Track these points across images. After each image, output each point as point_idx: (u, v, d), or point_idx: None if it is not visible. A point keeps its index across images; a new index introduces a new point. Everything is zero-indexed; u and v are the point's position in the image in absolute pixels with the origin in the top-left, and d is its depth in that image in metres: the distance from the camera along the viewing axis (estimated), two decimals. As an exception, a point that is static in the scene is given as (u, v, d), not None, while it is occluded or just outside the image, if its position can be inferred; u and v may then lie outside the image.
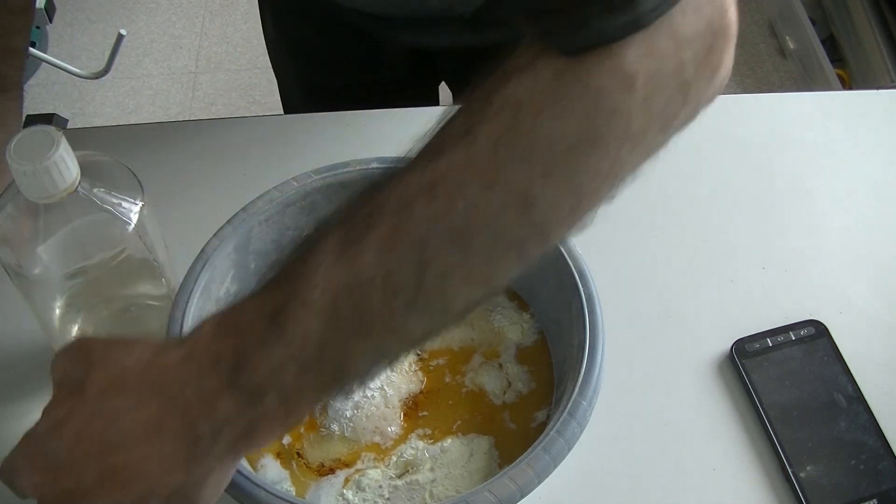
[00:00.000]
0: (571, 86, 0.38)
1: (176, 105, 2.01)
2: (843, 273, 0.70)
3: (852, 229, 0.73)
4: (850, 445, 0.60)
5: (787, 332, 0.66)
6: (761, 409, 0.62)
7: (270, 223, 0.60)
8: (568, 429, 0.49)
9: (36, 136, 0.49)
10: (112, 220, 0.53)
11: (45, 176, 0.48)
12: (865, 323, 0.67)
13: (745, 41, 2.12)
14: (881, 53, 1.72)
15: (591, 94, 0.38)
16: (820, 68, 1.84)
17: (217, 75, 2.07)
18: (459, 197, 0.38)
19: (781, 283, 0.70)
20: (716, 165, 0.77)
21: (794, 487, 0.58)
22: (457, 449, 0.56)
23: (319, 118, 0.81)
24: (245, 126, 0.82)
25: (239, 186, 0.66)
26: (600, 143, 0.39)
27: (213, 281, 0.57)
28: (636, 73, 0.38)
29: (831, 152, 0.79)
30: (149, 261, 0.56)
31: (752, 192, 0.76)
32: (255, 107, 2.01)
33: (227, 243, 0.58)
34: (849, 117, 0.82)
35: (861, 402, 0.62)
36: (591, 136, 0.38)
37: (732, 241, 0.72)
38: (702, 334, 0.67)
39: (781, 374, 0.63)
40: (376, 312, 0.39)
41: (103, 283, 0.57)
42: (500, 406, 0.59)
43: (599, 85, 0.38)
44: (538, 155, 0.38)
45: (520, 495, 0.47)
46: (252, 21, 2.14)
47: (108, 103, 2.01)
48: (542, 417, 0.58)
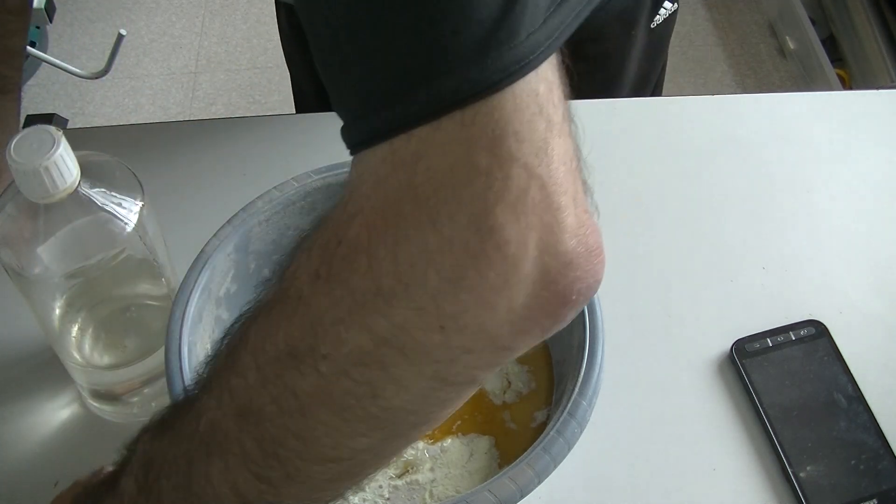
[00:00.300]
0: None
1: (176, 105, 2.01)
2: (843, 273, 0.70)
3: (852, 229, 0.73)
4: (850, 445, 0.60)
5: (787, 332, 0.66)
6: (761, 409, 0.62)
7: (270, 223, 0.60)
8: (568, 429, 0.49)
9: (36, 135, 0.49)
10: (112, 220, 0.53)
11: (45, 176, 0.48)
12: (865, 323, 0.67)
13: (745, 41, 2.12)
14: (881, 53, 1.72)
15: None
16: (820, 68, 1.84)
17: (217, 75, 2.07)
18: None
19: (781, 283, 0.70)
20: (716, 165, 0.77)
21: (794, 487, 0.58)
22: (457, 449, 0.56)
23: (319, 118, 0.81)
24: (245, 126, 0.82)
25: (239, 186, 0.66)
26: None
27: (212, 281, 0.57)
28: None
29: (831, 152, 0.79)
30: (149, 261, 0.56)
31: (752, 192, 0.76)
32: (255, 107, 2.01)
33: (227, 243, 0.58)
34: (849, 117, 0.82)
35: (861, 402, 0.62)
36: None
37: (732, 241, 0.72)
38: (702, 334, 0.67)
39: (781, 374, 0.63)
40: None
41: (103, 283, 0.57)
42: (500, 406, 0.59)
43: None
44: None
45: (520, 495, 0.47)
46: (252, 21, 2.14)
47: (108, 103, 2.01)
48: (542, 417, 0.58)
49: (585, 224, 0.31)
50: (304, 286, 0.33)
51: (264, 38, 2.11)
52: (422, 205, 0.30)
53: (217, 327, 0.58)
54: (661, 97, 0.97)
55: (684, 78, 2.04)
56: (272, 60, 2.06)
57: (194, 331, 0.54)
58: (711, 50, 2.11)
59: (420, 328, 0.31)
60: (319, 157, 0.64)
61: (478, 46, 0.29)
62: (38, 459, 0.61)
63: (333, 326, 0.32)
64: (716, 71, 2.07)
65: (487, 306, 0.30)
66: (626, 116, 0.81)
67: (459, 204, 0.29)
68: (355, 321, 0.31)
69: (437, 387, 0.33)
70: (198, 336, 0.55)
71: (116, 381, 0.61)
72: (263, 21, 2.14)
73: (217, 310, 0.58)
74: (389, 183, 0.30)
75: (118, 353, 0.61)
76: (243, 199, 0.60)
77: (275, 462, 0.35)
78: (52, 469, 0.59)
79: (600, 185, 0.34)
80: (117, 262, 0.53)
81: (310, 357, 0.33)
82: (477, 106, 0.29)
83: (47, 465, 0.60)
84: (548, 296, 0.31)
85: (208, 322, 0.57)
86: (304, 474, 0.35)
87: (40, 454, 0.61)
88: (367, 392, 0.32)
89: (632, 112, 0.82)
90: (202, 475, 0.37)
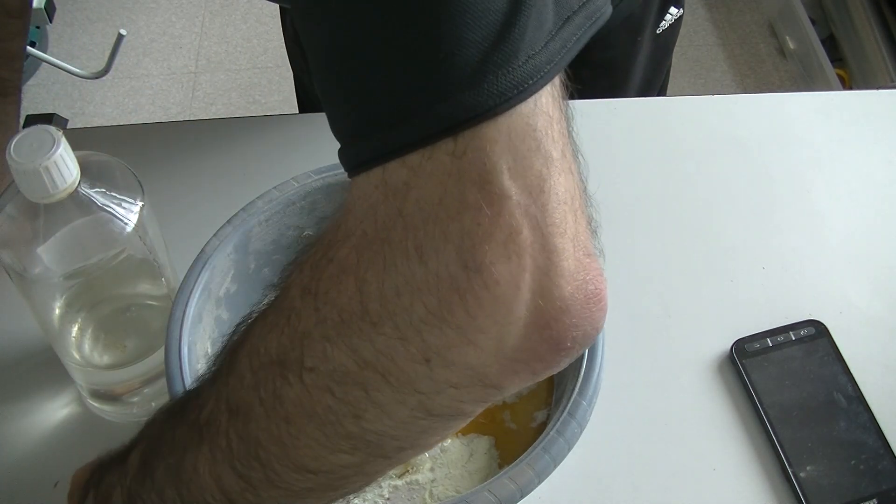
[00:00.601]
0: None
1: (176, 105, 2.01)
2: (843, 273, 0.70)
3: (852, 229, 0.73)
4: (850, 445, 0.60)
5: (787, 332, 0.66)
6: (761, 409, 0.62)
7: (270, 223, 0.60)
8: (568, 429, 0.49)
9: (36, 135, 0.49)
10: (112, 220, 0.53)
11: (45, 176, 0.48)
12: (865, 323, 0.67)
13: (745, 41, 2.12)
14: (881, 53, 1.73)
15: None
16: (820, 68, 1.84)
17: (217, 75, 2.07)
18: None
19: (781, 283, 0.70)
20: (716, 165, 0.77)
21: (794, 487, 0.58)
22: (457, 449, 0.56)
23: (319, 118, 0.80)
24: (245, 126, 0.81)
25: (239, 186, 0.66)
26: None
27: (212, 281, 0.57)
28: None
29: (831, 152, 0.79)
30: (149, 261, 0.56)
31: (752, 192, 0.76)
32: (254, 107, 2.01)
33: (227, 243, 0.58)
34: (849, 117, 0.82)
35: (861, 402, 0.62)
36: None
37: (732, 241, 0.72)
38: (702, 334, 0.67)
39: (781, 374, 0.63)
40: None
41: (103, 283, 0.57)
42: (500, 406, 0.59)
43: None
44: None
45: (520, 495, 0.47)
46: (252, 21, 2.14)
47: (108, 103, 2.01)
48: (542, 417, 0.58)
49: (586, 268, 0.30)
50: (296, 299, 0.33)
51: (264, 38, 2.11)
52: (410, 235, 0.29)
53: (217, 327, 0.58)
54: (661, 97, 0.97)
55: (684, 78, 2.04)
56: (272, 60, 2.06)
57: (194, 331, 0.54)
58: (711, 50, 2.11)
59: (404, 358, 0.30)
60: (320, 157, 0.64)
61: (473, 69, 0.28)
62: (38, 459, 0.61)
63: (320, 342, 0.32)
64: (716, 71, 2.07)
65: (474, 345, 0.29)
66: (625, 116, 0.81)
67: (447, 238, 0.28)
68: (341, 340, 0.31)
69: (421, 416, 0.32)
70: (198, 336, 0.55)
71: (116, 381, 0.61)
72: (263, 21, 2.14)
73: (217, 310, 0.58)
74: (380, 210, 0.30)
75: (118, 353, 0.61)
76: (243, 199, 0.60)
77: (256, 463, 0.35)
78: (52, 469, 0.59)
79: (600, 186, 0.34)
80: (117, 263, 0.53)
81: (296, 368, 0.33)
82: (469, 134, 0.28)
83: (47, 465, 0.60)
84: (540, 341, 0.30)
85: (208, 322, 0.57)
86: (284, 480, 0.35)
87: (40, 454, 0.61)
88: (349, 411, 0.32)
89: (631, 112, 0.82)
90: (192, 463, 0.37)
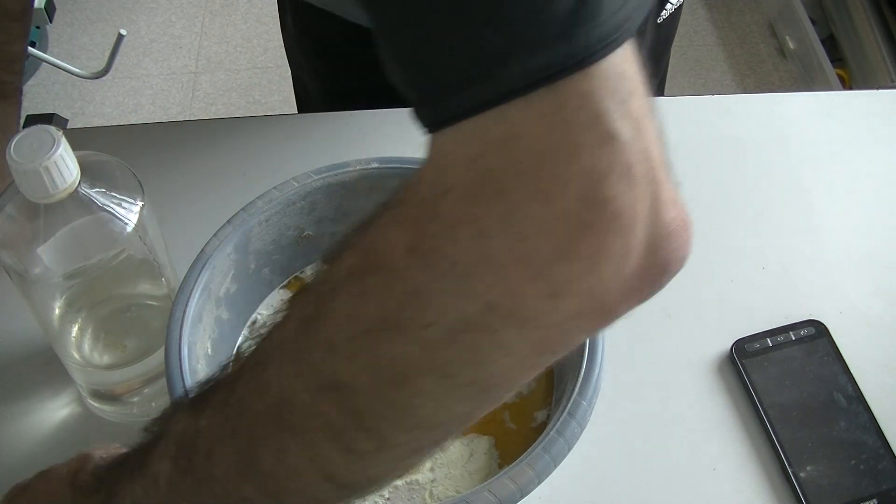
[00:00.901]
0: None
1: (176, 105, 2.01)
2: (843, 273, 0.70)
3: (852, 229, 0.73)
4: (850, 445, 0.60)
5: (787, 332, 0.66)
6: (761, 409, 0.62)
7: (270, 223, 0.60)
8: (568, 429, 0.49)
9: (36, 136, 0.49)
10: (112, 220, 0.53)
11: (45, 176, 0.48)
12: (865, 323, 0.67)
13: (745, 41, 2.12)
14: (881, 53, 1.72)
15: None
16: (820, 68, 1.84)
17: (217, 75, 2.07)
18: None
19: (781, 283, 0.70)
20: (716, 165, 0.77)
21: (794, 487, 0.58)
22: (457, 449, 0.56)
23: (319, 118, 0.81)
24: (245, 126, 0.82)
25: (239, 186, 0.66)
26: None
27: (212, 281, 0.57)
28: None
29: (831, 152, 0.79)
30: (149, 261, 0.56)
31: (752, 192, 0.76)
32: (254, 107, 2.01)
33: (227, 243, 0.58)
34: (849, 117, 0.82)
35: (861, 402, 0.62)
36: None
37: (732, 242, 0.72)
38: (702, 334, 0.66)
39: (781, 374, 0.63)
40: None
41: (103, 283, 0.57)
42: (500, 406, 0.59)
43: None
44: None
45: (520, 495, 0.47)
46: (252, 21, 2.14)
47: (108, 103, 2.02)
48: (542, 417, 0.58)
49: (678, 197, 0.34)
50: (398, 260, 0.33)
51: (264, 38, 2.11)
52: (527, 181, 0.30)
53: (217, 327, 0.58)
54: (660, 97, 0.97)
55: (684, 78, 2.04)
56: (272, 60, 2.06)
57: (194, 331, 0.54)
58: (711, 50, 2.11)
59: (532, 296, 0.31)
60: (320, 157, 0.64)
61: (563, 24, 0.29)
62: (38, 459, 0.60)
63: (438, 296, 0.32)
64: (716, 71, 2.07)
65: (600, 274, 0.31)
66: (626, 116, 0.81)
67: (568, 178, 0.30)
68: (463, 291, 0.32)
69: (539, 352, 0.33)
70: (198, 336, 0.55)
71: (116, 381, 0.61)
72: (263, 21, 2.14)
73: (217, 310, 0.58)
74: (485, 160, 0.30)
75: (118, 353, 0.61)
76: (243, 199, 0.60)
77: (363, 433, 0.35)
78: (52, 469, 0.59)
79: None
80: (117, 263, 0.53)
81: (411, 327, 0.33)
82: (568, 82, 0.29)
83: (47, 465, 0.60)
84: (652, 264, 0.32)
85: (208, 322, 0.57)
86: (393, 443, 0.36)
87: (40, 454, 0.61)
88: (471, 359, 0.33)
89: (632, 112, 0.81)
90: (272, 451, 0.36)
